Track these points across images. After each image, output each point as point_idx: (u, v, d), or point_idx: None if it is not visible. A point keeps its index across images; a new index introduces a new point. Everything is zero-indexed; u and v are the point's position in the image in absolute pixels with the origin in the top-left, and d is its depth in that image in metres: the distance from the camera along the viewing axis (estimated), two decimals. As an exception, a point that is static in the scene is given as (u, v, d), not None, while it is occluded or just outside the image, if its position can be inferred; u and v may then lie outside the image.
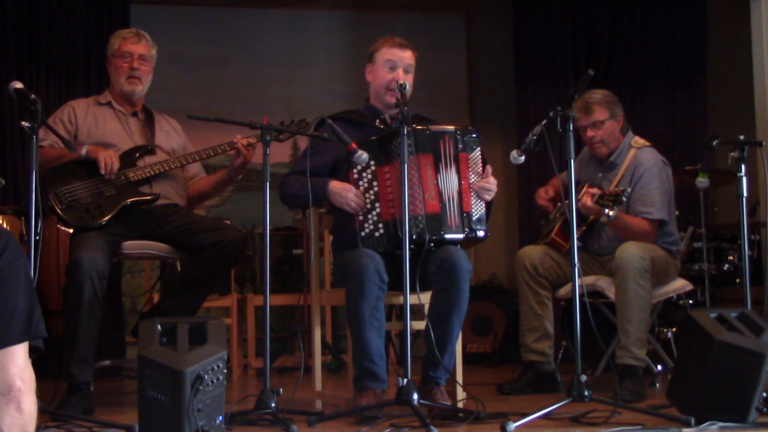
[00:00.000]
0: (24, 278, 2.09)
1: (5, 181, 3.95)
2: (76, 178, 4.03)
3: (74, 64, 6.09)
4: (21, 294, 2.07)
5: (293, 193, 3.78)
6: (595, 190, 4.18)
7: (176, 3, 6.74)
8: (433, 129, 3.73)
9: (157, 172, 4.13)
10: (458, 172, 3.70)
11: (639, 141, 4.55)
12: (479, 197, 3.73)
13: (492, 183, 3.76)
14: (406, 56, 3.92)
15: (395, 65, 3.89)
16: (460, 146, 3.72)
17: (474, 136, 3.77)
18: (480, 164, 3.77)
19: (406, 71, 3.90)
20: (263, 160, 3.49)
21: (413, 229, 3.53)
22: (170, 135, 4.39)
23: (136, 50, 4.26)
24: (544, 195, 4.70)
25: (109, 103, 4.29)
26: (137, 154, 4.17)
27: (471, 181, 3.72)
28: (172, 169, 4.20)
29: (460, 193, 3.69)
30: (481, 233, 3.73)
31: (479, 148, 3.78)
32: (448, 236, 3.64)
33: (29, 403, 2.05)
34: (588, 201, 4.11)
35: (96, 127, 4.21)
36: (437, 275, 3.58)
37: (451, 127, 3.75)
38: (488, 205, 3.79)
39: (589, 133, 4.48)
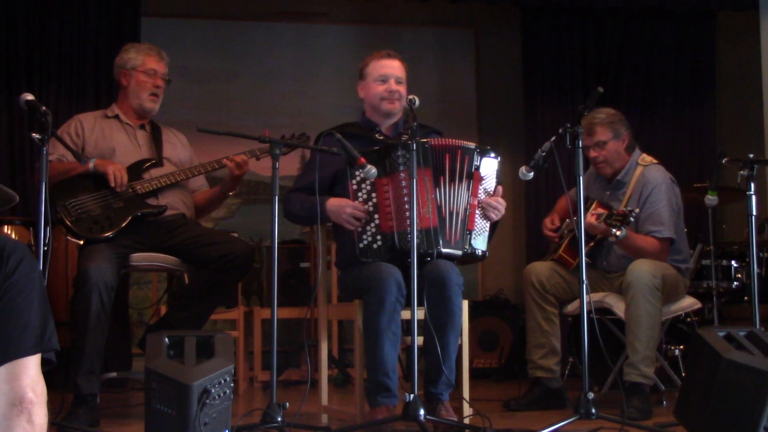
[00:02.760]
0: (38, 291, 2.11)
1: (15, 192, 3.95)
2: (84, 191, 4.03)
3: (84, 77, 6.10)
4: (35, 306, 2.08)
5: (295, 213, 3.85)
6: (601, 210, 4.17)
7: (186, 16, 6.76)
8: (440, 143, 3.72)
9: (164, 184, 4.15)
10: (469, 188, 3.70)
11: (646, 158, 4.54)
12: (485, 216, 3.73)
13: (501, 202, 3.76)
14: (395, 65, 3.96)
15: (386, 77, 3.92)
16: (477, 164, 3.72)
17: (492, 156, 3.78)
18: (493, 186, 3.78)
19: (397, 82, 3.93)
20: (272, 174, 3.49)
21: (409, 243, 3.53)
22: (177, 147, 4.40)
23: (160, 69, 4.31)
24: (549, 225, 4.69)
25: (116, 116, 4.31)
26: (144, 167, 4.18)
27: (480, 200, 3.72)
28: (179, 180, 4.21)
29: (467, 209, 3.69)
30: (479, 252, 3.73)
31: (496, 170, 3.79)
32: (445, 250, 3.64)
33: (40, 416, 2.06)
34: (593, 220, 4.11)
35: (103, 139, 4.22)
36: (428, 290, 3.57)
37: (472, 144, 3.76)
38: (493, 226, 3.78)
39: (592, 153, 4.48)
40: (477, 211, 3.72)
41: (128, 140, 4.26)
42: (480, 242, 3.73)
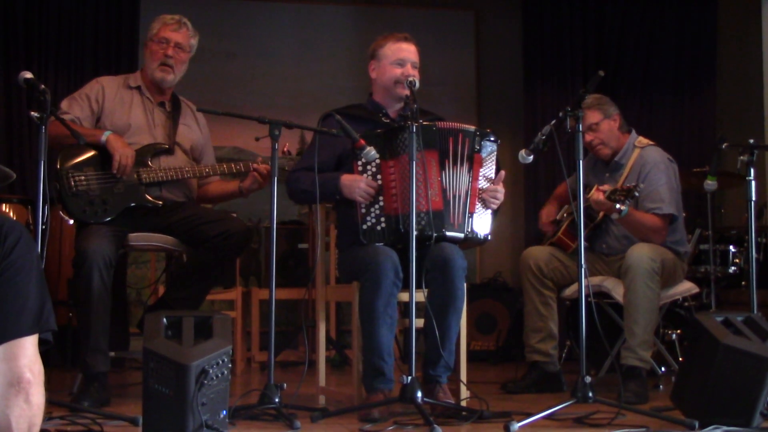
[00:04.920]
0: (36, 271, 2.10)
1: (12, 170, 3.93)
2: (90, 167, 3.98)
3: (83, 55, 6.09)
4: (32, 287, 2.08)
5: (303, 190, 3.77)
6: (606, 187, 4.16)
7: (185, -5, 6.72)
8: (445, 126, 3.71)
9: (171, 178, 4.08)
10: (470, 172, 3.69)
11: (643, 141, 4.55)
12: (485, 205, 3.73)
13: (500, 191, 3.75)
14: (412, 50, 3.92)
15: (403, 61, 3.88)
16: (477, 147, 3.70)
17: (492, 139, 3.76)
18: (493, 169, 3.77)
19: (413, 66, 3.89)
20: (271, 155, 3.48)
21: (415, 225, 3.51)
22: (192, 130, 4.32)
23: (174, 37, 4.20)
24: (545, 219, 4.70)
25: (138, 88, 4.23)
26: (154, 152, 4.11)
27: (480, 184, 3.71)
28: (185, 178, 4.15)
29: (468, 193, 3.67)
30: (481, 235, 3.72)
31: (495, 153, 3.78)
32: (449, 234, 3.63)
33: (38, 395, 2.06)
34: (600, 196, 4.10)
35: (121, 111, 4.14)
36: (432, 273, 3.57)
37: (472, 128, 3.74)
38: (494, 211, 3.78)
39: (588, 137, 4.47)
40: (478, 195, 3.71)
41: (144, 118, 4.18)
42: (482, 225, 3.72)
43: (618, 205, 4.03)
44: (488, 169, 3.76)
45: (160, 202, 4.06)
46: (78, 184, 3.95)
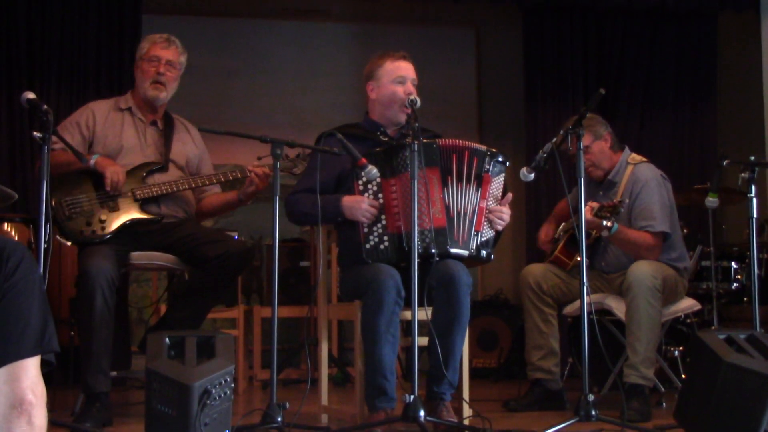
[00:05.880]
0: (38, 292, 2.11)
1: (15, 190, 3.94)
2: (82, 190, 4.01)
3: (85, 75, 6.10)
4: (35, 308, 2.09)
5: (305, 212, 3.76)
6: (594, 204, 4.17)
7: (187, 13, 6.74)
8: (447, 144, 3.71)
9: (165, 192, 4.09)
10: (479, 190, 3.69)
11: (636, 157, 4.56)
12: (490, 226, 3.73)
13: (506, 212, 3.75)
14: (411, 68, 3.93)
15: (404, 78, 3.89)
16: (487, 167, 3.70)
17: (501, 160, 3.77)
18: (501, 190, 3.78)
19: (413, 84, 3.90)
20: (273, 173, 3.49)
21: (420, 243, 3.51)
22: (187, 145, 4.33)
23: (165, 55, 4.20)
24: (543, 237, 4.70)
25: (129, 109, 4.24)
26: (148, 171, 4.12)
27: (488, 204, 3.72)
28: (181, 190, 4.16)
29: (475, 211, 3.67)
30: (484, 254, 3.72)
31: (503, 175, 3.79)
32: (453, 251, 3.63)
33: (40, 417, 2.06)
34: (587, 214, 4.10)
35: (113, 134, 4.15)
36: (437, 290, 3.57)
37: (483, 147, 3.75)
38: (498, 232, 3.78)
39: None
40: (485, 214, 3.71)
41: (136, 138, 4.18)
42: (485, 245, 3.72)
43: (604, 222, 4.04)
44: (496, 190, 3.76)
45: (160, 217, 4.07)
46: (72, 208, 3.96)
